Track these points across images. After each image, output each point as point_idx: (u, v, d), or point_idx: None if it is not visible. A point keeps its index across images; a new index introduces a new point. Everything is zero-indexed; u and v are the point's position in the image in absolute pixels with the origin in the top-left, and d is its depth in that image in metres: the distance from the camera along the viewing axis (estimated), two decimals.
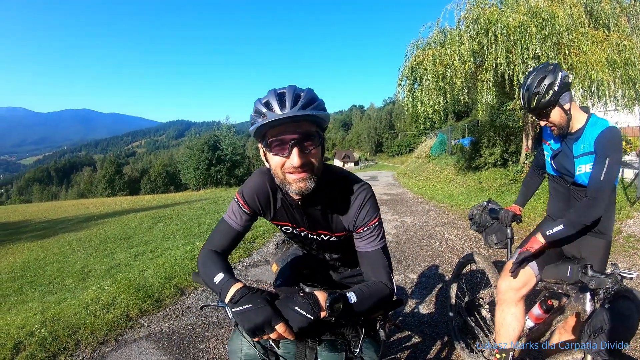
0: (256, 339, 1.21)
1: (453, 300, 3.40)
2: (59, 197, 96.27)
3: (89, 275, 7.09)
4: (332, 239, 1.68)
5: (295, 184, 1.36)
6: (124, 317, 4.12)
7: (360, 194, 1.56)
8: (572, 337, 2.38)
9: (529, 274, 2.42)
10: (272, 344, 1.35)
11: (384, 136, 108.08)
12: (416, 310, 4.21)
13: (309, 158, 1.35)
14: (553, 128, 2.25)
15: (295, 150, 1.30)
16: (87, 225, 14.56)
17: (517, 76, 10.33)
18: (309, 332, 1.20)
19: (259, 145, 1.43)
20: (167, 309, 4.42)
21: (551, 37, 10.04)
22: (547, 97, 2.16)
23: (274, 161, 1.36)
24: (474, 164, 16.15)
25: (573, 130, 2.28)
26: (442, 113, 12.74)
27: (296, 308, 1.17)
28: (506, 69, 10.46)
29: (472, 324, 3.08)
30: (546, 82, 2.16)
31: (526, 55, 10.14)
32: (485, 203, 3.08)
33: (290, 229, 1.70)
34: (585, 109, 2.30)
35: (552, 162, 2.43)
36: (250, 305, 1.18)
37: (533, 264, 2.44)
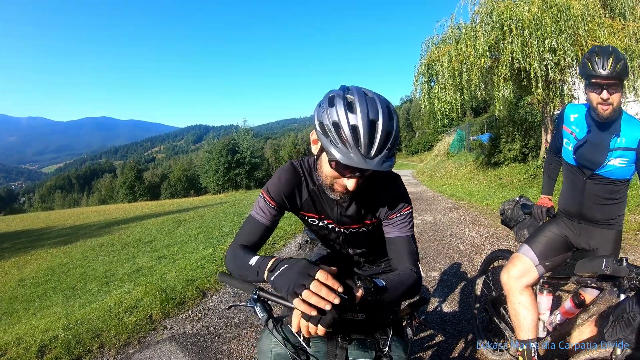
0: (296, 301, 1.06)
1: (478, 298, 3.36)
2: (80, 204, 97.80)
3: (111, 279, 7.18)
4: (361, 230, 1.67)
5: (338, 194, 1.41)
6: (147, 320, 4.16)
7: (392, 182, 1.57)
8: (596, 334, 2.35)
9: (527, 263, 2.49)
10: (303, 343, 1.31)
11: (402, 135, 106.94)
12: (439, 308, 4.17)
13: (362, 181, 1.35)
14: (608, 108, 2.16)
15: (354, 181, 1.31)
16: (109, 230, 14.76)
17: (534, 69, 10.22)
18: (343, 322, 1.17)
19: (315, 134, 1.36)
20: (190, 311, 4.45)
21: (567, 29, 9.90)
22: (628, 68, 2.09)
23: (328, 170, 1.35)
24: (494, 160, 15.98)
25: (609, 121, 2.24)
26: (459, 109, 12.65)
27: None
28: (522, 62, 10.34)
29: (498, 321, 3.04)
30: (623, 55, 2.10)
31: (542, 48, 10.03)
32: (517, 198, 3.08)
33: (317, 221, 1.69)
34: None
35: (574, 152, 2.39)
36: (286, 266, 1.14)
37: (531, 253, 2.50)
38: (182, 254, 7.92)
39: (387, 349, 1.38)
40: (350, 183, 1.31)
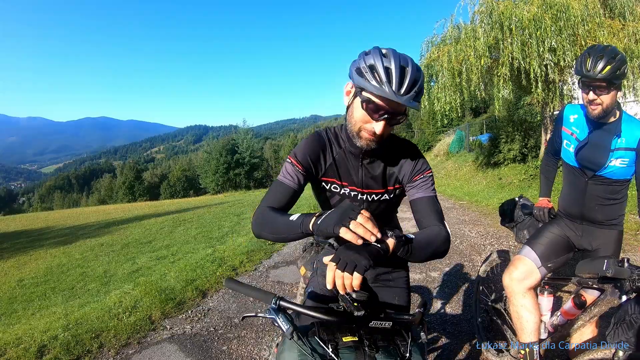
0: (343, 230, 1.10)
1: (479, 299, 3.35)
2: (80, 204, 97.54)
3: (111, 279, 7.18)
4: (384, 197, 1.71)
5: (365, 141, 1.49)
6: (147, 320, 4.14)
7: (412, 147, 1.69)
8: (597, 335, 2.35)
9: (530, 265, 2.47)
10: (332, 355, 1.27)
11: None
12: (441, 309, 4.16)
13: (389, 130, 1.47)
14: (597, 108, 2.17)
15: (383, 123, 1.40)
16: (108, 230, 14.77)
17: (534, 70, 10.21)
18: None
19: (350, 84, 1.50)
20: (189, 311, 4.44)
21: (567, 29, 9.89)
22: (619, 72, 2.08)
23: (359, 113, 1.44)
24: (493, 160, 15.98)
25: (609, 121, 2.24)
26: (459, 110, 12.66)
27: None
28: (522, 62, 10.33)
29: (499, 322, 3.04)
30: (621, 57, 2.09)
31: (542, 48, 10.02)
32: (517, 199, 3.08)
33: (338, 188, 1.71)
34: (617, 104, 2.26)
35: (576, 153, 2.38)
36: (333, 209, 1.21)
37: (533, 254, 2.49)
38: (181, 254, 7.93)
39: (407, 354, 1.38)
40: (379, 126, 1.40)
